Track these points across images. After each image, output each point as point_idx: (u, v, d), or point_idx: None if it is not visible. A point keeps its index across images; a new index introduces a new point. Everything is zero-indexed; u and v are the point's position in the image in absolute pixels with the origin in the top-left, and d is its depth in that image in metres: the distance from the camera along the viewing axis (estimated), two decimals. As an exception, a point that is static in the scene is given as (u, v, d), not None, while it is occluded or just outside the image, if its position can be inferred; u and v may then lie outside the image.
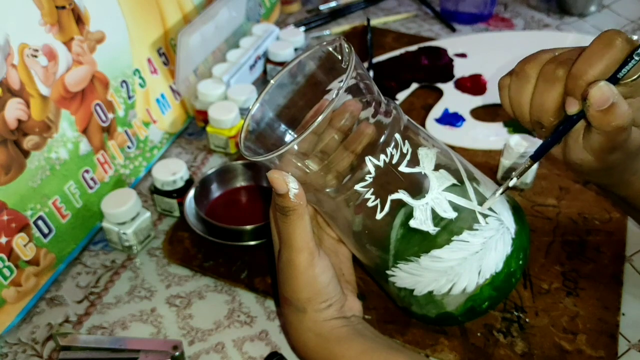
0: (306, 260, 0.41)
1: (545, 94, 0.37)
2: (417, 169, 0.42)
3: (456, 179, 0.43)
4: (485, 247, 0.43)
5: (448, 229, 0.42)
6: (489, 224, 0.43)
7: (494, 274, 0.43)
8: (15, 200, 0.52)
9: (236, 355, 0.50)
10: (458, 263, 0.42)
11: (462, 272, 0.43)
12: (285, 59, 0.82)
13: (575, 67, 0.35)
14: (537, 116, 0.38)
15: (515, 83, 0.39)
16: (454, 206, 0.42)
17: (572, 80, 0.35)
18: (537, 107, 0.38)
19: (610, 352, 0.49)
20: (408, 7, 1.06)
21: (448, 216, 0.42)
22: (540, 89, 0.37)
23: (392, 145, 0.40)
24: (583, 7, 0.99)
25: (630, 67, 0.35)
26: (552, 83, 0.37)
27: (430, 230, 0.42)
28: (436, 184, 0.42)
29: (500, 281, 0.44)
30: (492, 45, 0.90)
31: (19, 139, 0.53)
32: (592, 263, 0.56)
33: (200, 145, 0.74)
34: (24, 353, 0.51)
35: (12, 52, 0.52)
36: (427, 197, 0.42)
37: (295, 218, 0.40)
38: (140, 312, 0.54)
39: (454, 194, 0.42)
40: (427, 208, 0.42)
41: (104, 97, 0.63)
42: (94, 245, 0.61)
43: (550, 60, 0.38)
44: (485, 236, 0.43)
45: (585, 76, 0.35)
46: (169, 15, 0.73)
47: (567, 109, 0.36)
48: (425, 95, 0.80)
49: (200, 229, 0.59)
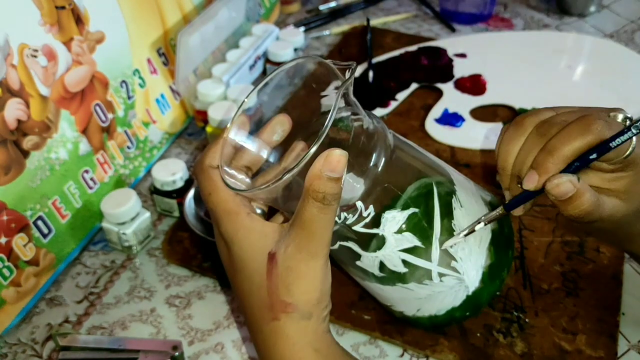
0: (327, 255, 0.37)
1: (531, 151, 0.37)
2: (375, 230, 0.40)
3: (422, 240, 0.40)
4: (429, 297, 0.42)
5: (395, 275, 0.41)
6: (443, 282, 0.41)
7: (432, 315, 0.44)
8: (15, 201, 0.52)
9: (236, 356, 0.50)
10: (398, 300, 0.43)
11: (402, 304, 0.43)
12: (285, 59, 0.82)
13: (549, 143, 0.36)
14: (518, 169, 0.38)
15: (510, 132, 0.39)
16: (407, 264, 0.41)
17: (542, 154, 0.36)
18: (520, 159, 0.38)
19: (610, 352, 0.49)
20: (408, 7, 1.06)
21: (397, 270, 0.41)
22: (528, 144, 0.38)
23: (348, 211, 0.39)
24: (583, 7, 0.99)
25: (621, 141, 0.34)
26: (539, 141, 0.37)
27: (375, 273, 0.42)
28: (393, 245, 0.40)
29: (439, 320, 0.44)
30: (492, 45, 0.90)
31: (19, 139, 0.53)
32: (592, 263, 0.56)
33: (200, 146, 0.74)
34: (23, 353, 0.51)
35: (12, 52, 0.52)
36: (378, 252, 0.40)
37: (336, 207, 0.35)
38: (140, 312, 0.54)
39: (411, 255, 0.40)
40: (375, 259, 0.41)
41: (104, 97, 0.63)
42: (94, 246, 0.61)
43: (546, 120, 0.38)
44: (434, 290, 0.42)
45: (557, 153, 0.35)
46: (168, 15, 0.73)
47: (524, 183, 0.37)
48: (425, 95, 0.80)
49: (200, 229, 0.59)
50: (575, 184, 0.35)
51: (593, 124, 0.35)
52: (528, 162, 0.37)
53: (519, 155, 0.38)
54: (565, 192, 0.35)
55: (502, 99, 0.78)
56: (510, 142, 0.39)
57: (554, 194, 0.35)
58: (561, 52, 0.86)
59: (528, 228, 0.60)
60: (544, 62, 0.84)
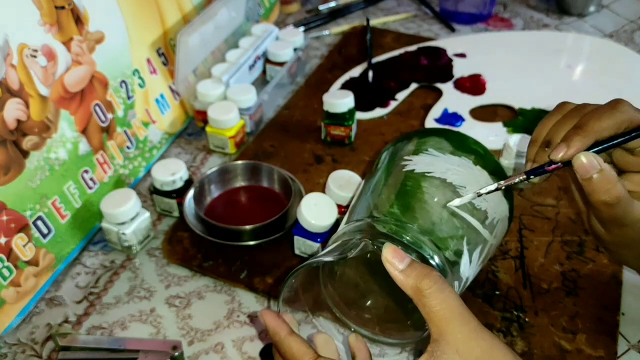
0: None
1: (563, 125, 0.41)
2: None
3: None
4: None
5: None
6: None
7: None
8: (15, 201, 0.52)
9: (236, 356, 0.50)
10: None
11: None
12: (284, 59, 0.82)
13: (581, 119, 0.39)
14: (548, 138, 0.41)
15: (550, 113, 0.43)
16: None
17: (572, 129, 0.39)
18: (553, 131, 0.41)
19: (609, 351, 0.49)
20: (407, 7, 1.06)
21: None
22: (563, 120, 0.41)
23: None
24: (582, 7, 0.99)
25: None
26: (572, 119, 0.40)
27: None
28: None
29: None
30: (492, 45, 0.90)
31: (18, 139, 0.53)
32: (592, 263, 0.56)
33: (199, 146, 0.74)
34: (23, 353, 0.51)
35: (12, 52, 0.52)
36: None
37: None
38: (140, 312, 0.54)
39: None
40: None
41: (103, 97, 0.63)
42: (94, 246, 0.61)
43: (583, 104, 0.41)
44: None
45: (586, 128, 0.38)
46: (168, 15, 0.73)
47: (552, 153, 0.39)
48: (424, 95, 0.80)
49: (200, 229, 0.59)
50: (600, 162, 0.37)
51: (622, 105, 0.38)
52: (559, 134, 0.40)
53: (552, 129, 0.41)
54: (589, 167, 0.37)
55: (502, 99, 0.78)
56: (548, 119, 0.42)
57: (577, 167, 0.37)
58: (561, 52, 0.86)
59: (528, 228, 0.60)
60: (544, 62, 0.84)
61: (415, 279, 0.34)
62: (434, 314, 0.34)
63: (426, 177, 0.44)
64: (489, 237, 0.45)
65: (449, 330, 0.34)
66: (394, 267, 0.35)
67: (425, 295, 0.34)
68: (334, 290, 0.49)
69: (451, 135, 0.49)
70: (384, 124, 0.76)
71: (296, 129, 0.75)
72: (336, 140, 0.72)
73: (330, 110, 0.70)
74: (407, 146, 0.49)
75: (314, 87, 0.83)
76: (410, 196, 0.43)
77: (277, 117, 0.78)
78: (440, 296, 0.34)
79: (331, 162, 0.70)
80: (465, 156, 0.47)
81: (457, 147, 0.47)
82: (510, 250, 0.58)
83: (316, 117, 0.77)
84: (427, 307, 0.34)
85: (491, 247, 0.46)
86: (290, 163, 0.69)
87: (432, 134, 0.49)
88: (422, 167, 0.45)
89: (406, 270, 0.35)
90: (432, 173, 0.44)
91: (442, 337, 0.34)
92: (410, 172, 0.45)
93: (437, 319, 0.34)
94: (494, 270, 0.56)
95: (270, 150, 0.72)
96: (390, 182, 0.46)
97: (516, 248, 0.58)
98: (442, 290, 0.34)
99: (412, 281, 0.35)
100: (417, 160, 0.46)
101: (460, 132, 0.50)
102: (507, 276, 0.55)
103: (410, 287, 0.35)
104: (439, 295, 0.34)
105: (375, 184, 0.47)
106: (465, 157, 0.47)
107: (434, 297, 0.34)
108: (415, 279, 0.34)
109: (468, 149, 0.48)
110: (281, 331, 0.40)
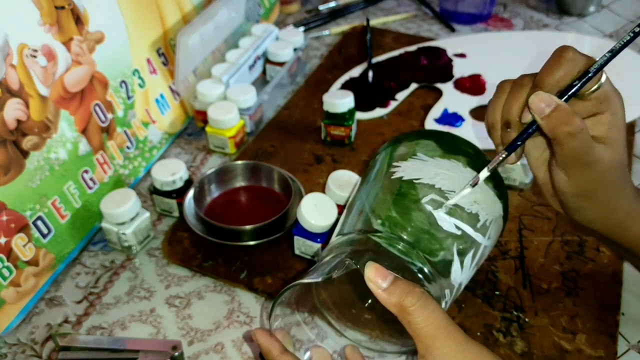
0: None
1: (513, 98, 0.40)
2: None
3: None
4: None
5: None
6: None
7: None
8: (15, 201, 0.52)
9: (235, 356, 0.50)
10: None
11: None
12: (284, 59, 0.82)
13: (536, 79, 0.39)
14: (505, 117, 0.41)
15: (493, 96, 0.42)
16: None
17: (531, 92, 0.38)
18: (506, 108, 0.40)
19: (609, 351, 0.49)
20: (407, 7, 1.06)
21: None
22: (510, 94, 0.40)
23: None
24: (582, 7, 0.99)
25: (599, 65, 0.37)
26: (519, 89, 0.40)
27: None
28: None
29: None
30: (492, 45, 0.90)
31: (18, 139, 0.53)
32: (592, 262, 0.56)
33: (199, 146, 0.74)
34: (23, 353, 0.51)
35: (11, 52, 0.52)
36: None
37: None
38: (140, 312, 0.54)
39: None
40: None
41: (103, 98, 0.63)
42: (94, 246, 0.61)
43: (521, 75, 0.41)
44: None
45: (543, 85, 0.38)
46: (168, 15, 0.73)
47: (522, 117, 0.39)
48: (424, 95, 0.80)
49: (200, 229, 0.59)
50: (554, 99, 0.37)
51: (567, 52, 0.38)
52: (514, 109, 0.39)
53: (504, 108, 0.40)
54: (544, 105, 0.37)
55: (502, 99, 0.78)
56: (494, 101, 0.42)
57: (535, 107, 0.37)
58: (561, 52, 0.86)
59: (528, 228, 0.60)
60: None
61: (399, 297, 0.35)
62: (419, 331, 0.34)
63: (414, 184, 0.44)
64: (482, 239, 0.44)
65: (435, 345, 0.34)
66: (377, 285, 0.35)
67: (410, 312, 0.34)
68: (333, 291, 0.49)
69: (440, 138, 0.49)
70: (384, 124, 0.76)
71: (296, 129, 0.75)
72: (336, 140, 0.72)
73: (330, 110, 0.70)
74: (396, 151, 0.48)
75: (314, 87, 0.83)
76: (398, 205, 0.43)
77: (277, 117, 0.78)
78: (424, 313, 0.34)
79: (331, 162, 0.70)
80: (454, 159, 0.46)
81: (446, 150, 0.47)
82: (510, 250, 0.58)
83: (316, 117, 0.77)
84: (412, 324, 0.34)
85: (485, 249, 0.46)
86: (290, 163, 0.69)
87: (421, 137, 0.49)
88: (410, 174, 0.45)
89: (389, 289, 0.35)
90: (420, 180, 0.44)
91: (429, 353, 0.34)
92: (399, 180, 0.45)
93: (422, 336, 0.34)
94: (494, 270, 0.56)
95: (270, 150, 0.72)
96: (379, 191, 0.45)
97: (516, 248, 0.58)
98: (426, 307, 0.34)
99: (395, 299, 0.35)
100: (405, 167, 0.46)
101: (449, 132, 0.50)
102: (507, 276, 0.55)
103: (394, 305, 0.35)
104: (423, 312, 0.34)
105: (364, 192, 0.47)
106: (455, 159, 0.46)
107: (419, 314, 0.34)
108: (399, 296, 0.35)
109: (458, 150, 0.47)
110: (274, 350, 0.40)
